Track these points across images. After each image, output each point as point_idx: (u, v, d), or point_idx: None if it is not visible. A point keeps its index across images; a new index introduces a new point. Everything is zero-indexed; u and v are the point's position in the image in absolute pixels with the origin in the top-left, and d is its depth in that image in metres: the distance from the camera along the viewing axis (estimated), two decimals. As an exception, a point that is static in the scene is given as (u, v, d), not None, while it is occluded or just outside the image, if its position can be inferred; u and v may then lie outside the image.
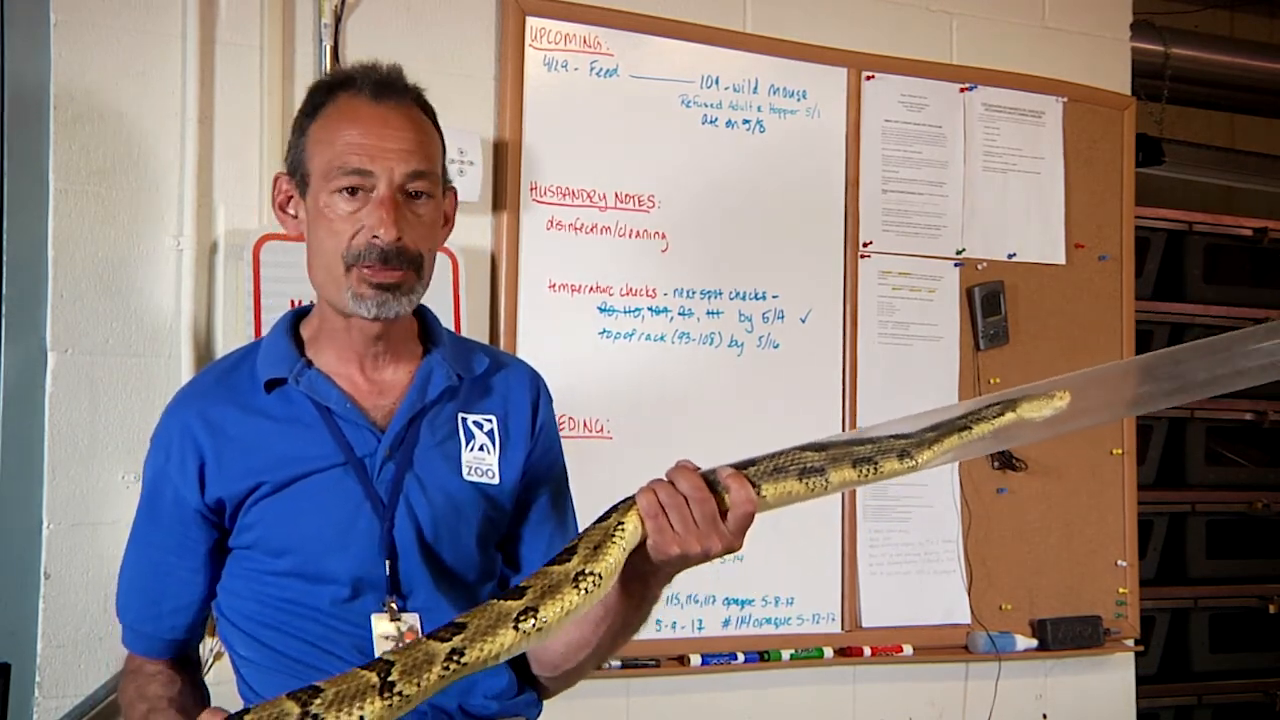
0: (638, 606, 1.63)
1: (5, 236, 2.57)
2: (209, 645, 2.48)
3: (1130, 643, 3.55)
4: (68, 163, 2.55)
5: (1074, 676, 3.48)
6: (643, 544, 1.51)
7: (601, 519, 1.53)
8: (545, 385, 1.86)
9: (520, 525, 1.82)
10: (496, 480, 1.75)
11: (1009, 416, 1.56)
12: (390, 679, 1.41)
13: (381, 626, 1.67)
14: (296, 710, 1.39)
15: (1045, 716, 3.46)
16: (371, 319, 1.66)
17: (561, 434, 1.88)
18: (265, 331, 1.84)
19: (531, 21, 2.93)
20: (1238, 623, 4.16)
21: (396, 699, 1.41)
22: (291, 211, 1.73)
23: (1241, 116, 4.66)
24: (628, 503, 1.53)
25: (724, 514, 1.50)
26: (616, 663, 2.88)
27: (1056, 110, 3.50)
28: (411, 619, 1.68)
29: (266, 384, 1.70)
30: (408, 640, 1.66)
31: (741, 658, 3.06)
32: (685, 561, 1.52)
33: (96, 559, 2.52)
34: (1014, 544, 3.40)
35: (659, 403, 3.03)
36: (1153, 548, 3.99)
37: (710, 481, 1.51)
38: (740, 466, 1.53)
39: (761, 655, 3.08)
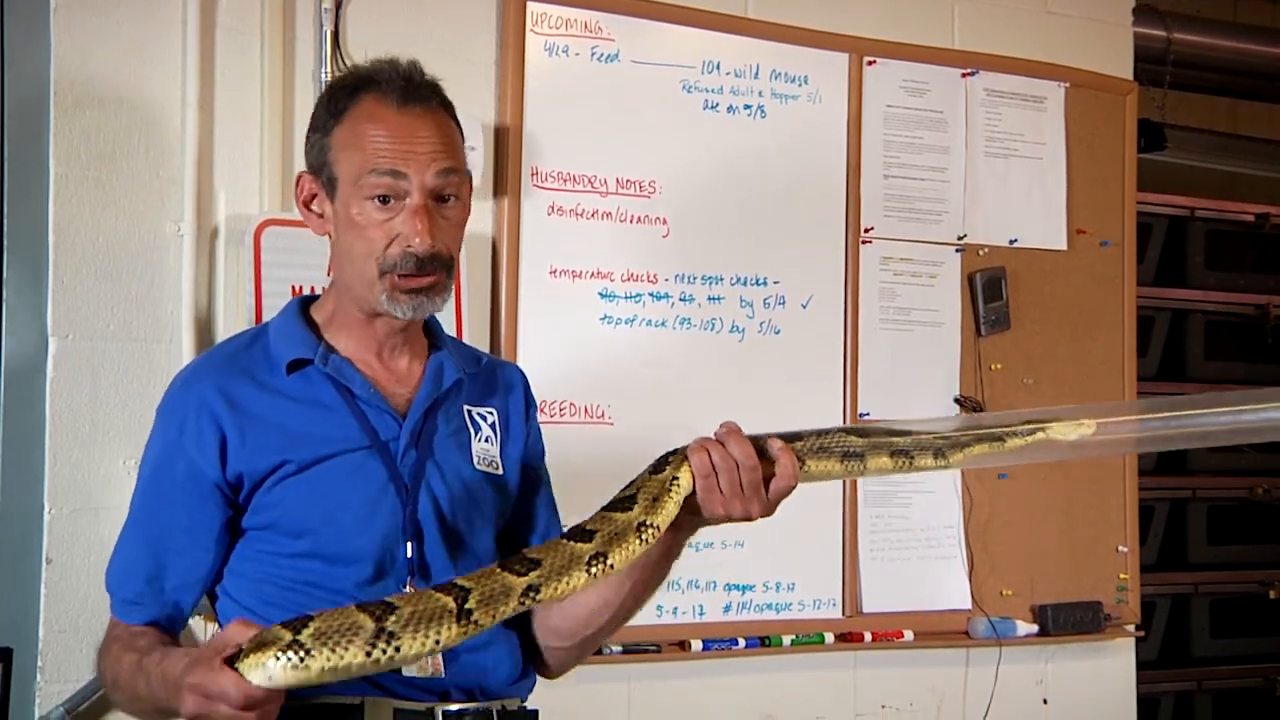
0: (663, 560, 1.68)
1: (6, 222, 2.57)
2: (208, 629, 2.49)
3: (1131, 628, 3.55)
4: (68, 148, 2.54)
5: (1075, 662, 3.49)
6: (688, 497, 1.57)
7: (655, 470, 1.57)
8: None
9: (522, 518, 1.86)
10: (500, 471, 1.80)
11: (1039, 435, 1.63)
12: (468, 606, 1.43)
13: None
14: (371, 625, 1.38)
15: (1046, 702, 3.46)
16: (406, 320, 1.70)
17: (562, 419, 1.91)
18: (265, 317, 1.84)
19: (532, 7, 2.92)
20: (1238, 608, 4.17)
21: (472, 626, 1.43)
22: (316, 209, 1.73)
23: (1244, 102, 4.65)
24: (679, 456, 1.57)
25: (766, 481, 1.57)
26: (617, 648, 2.88)
27: (1058, 95, 3.49)
28: None
29: (289, 364, 1.71)
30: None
31: (742, 643, 3.06)
32: (723, 520, 1.59)
33: (98, 544, 2.52)
34: (1015, 530, 3.39)
35: (660, 388, 3.02)
36: (1154, 533, 3.99)
37: (759, 449, 1.56)
38: (787, 439, 1.59)
39: (762, 641, 3.09)
